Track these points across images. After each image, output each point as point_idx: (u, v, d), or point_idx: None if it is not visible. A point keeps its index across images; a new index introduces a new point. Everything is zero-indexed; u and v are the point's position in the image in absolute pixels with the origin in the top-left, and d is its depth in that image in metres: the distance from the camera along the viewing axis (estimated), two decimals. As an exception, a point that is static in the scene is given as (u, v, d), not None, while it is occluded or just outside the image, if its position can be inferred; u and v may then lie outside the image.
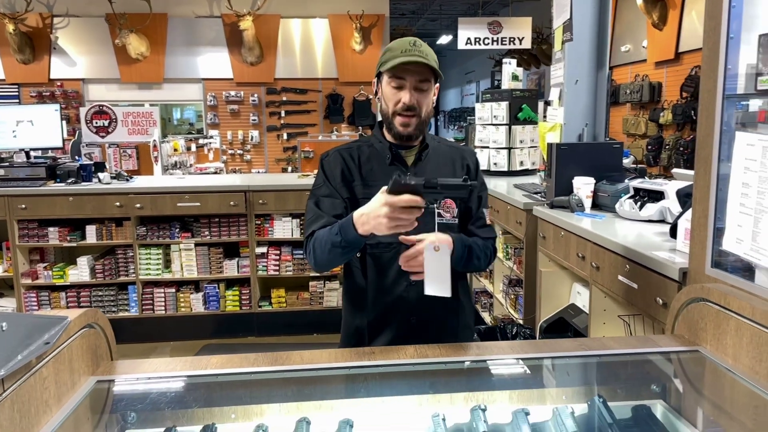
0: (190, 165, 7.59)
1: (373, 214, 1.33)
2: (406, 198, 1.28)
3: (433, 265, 1.44)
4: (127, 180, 4.27)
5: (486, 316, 4.09)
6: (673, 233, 1.93)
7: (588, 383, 1.49)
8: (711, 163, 1.49)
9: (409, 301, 1.61)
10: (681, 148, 6.73)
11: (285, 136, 9.76)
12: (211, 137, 9.09)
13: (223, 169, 8.22)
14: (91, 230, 4.12)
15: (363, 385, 1.41)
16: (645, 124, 7.48)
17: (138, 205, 4.01)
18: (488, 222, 1.67)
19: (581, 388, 1.47)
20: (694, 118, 6.53)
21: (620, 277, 2.00)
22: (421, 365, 1.41)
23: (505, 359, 1.43)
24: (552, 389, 1.46)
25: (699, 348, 1.42)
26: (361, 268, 1.63)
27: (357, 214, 1.39)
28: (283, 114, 9.72)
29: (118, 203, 4.03)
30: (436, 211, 1.45)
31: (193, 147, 8.03)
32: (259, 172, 9.80)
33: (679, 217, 1.90)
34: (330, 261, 1.53)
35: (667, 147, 6.98)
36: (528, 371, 1.44)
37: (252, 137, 9.84)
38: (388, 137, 1.64)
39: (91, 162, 4.45)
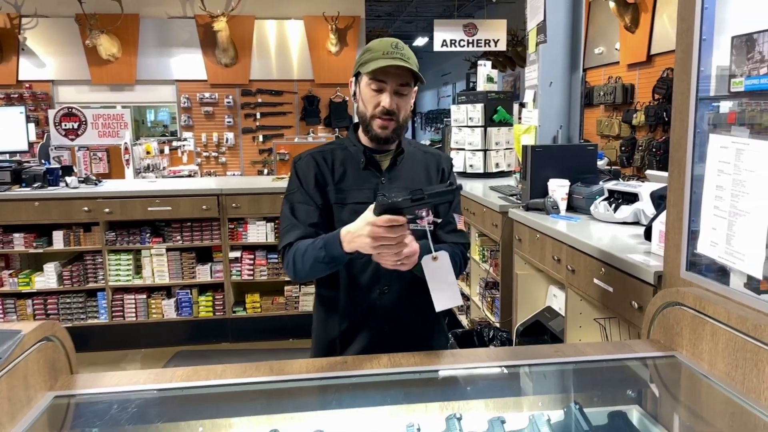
0: (164, 168, 7.47)
1: (357, 233, 1.30)
2: (385, 218, 1.25)
3: (436, 276, 1.39)
4: (96, 184, 4.16)
5: (463, 319, 4.07)
6: (648, 236, 1.93)
7: (564, 390, 1.47)
8: (685, 166, 1.48)
9: (382, 308, 1.57)
10: (654, 149, 6.80)
11: (261, 138, 9.70)
12: (185, 139, 8.97)
13: (197, 172, 8.10)
14: (58, 236, 4.00)
15: (335, 395, 1.37)
16: (618, 126, 7.56)
17: (107, 210, 3.91)
18: (460, 227, 1.63)
19: (557, 395, 1.45)
20: (666, 119, 6.61)
21: (596, 281, 1.99)
22: (395, 375, 1.37)
23: (480, 367, 1.40)
24: (528, 396, 1.44)
25: (675, 353, 1.41)
26: (333, 274, 1.59)
27: (344, 232, 1.36)
28: (258, 116, 9.64)
29: (86, 208, 3.92)
30: (428, 222, 1.38)
31: (167, 149, 7.91)
32: (234, 174, 9.71)
33: (653, 219, 1.90)
34: (312, 274, 1.50)
35: (640, 148, 7.06)
36: (504, 379, 1.42)
37: (227, 139, 9.75)
38: (364, 140, 1.60)
39: (59, 166, 4.33)
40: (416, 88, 1.58)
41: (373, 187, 1.55)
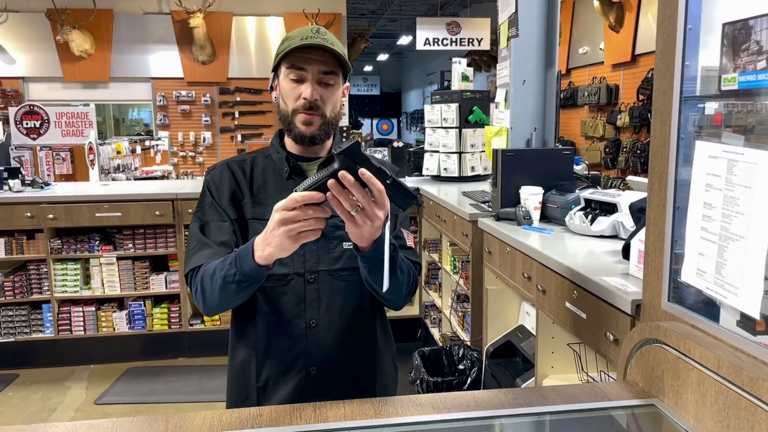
0: (135, 168, 7.21)
1: (269, 231, 1.05)
2: (298, 196, 1.00)
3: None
4: (42, 187, 3.88)
5: (435, 333, 3.84)
6: (626, 254, 1.70)
7: (523, 447, 1.23)
8: (666, 177, 1.25)
9: (310, 346, 1.31)
10: (638, 151, 6.68)
11: (239, 138, 9.49)
12: (159, 139, 8.72)
13: (172, 172, 7.86)
14: (-2, 243, 3.72)
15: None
16: (603, 127, 7.42)
17: (51, 216, 3.62)
18: (410, 244, 1.38)
19: (515, 454, 1.21)
20: (651, 120, 6.47)
21: (568, 304, 1.75)
22: None
23: (425, 422, 1.16)
24: (480, 458, 1.20)
25: (655, 401, 1.18)
26: (249, 303, 1.34)
27: (258, 239, 1.11)
28: (237, 115, 9.43)
29: (28, 213, 3.63)
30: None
31: (139, 149, 7.65)
32: (210, 175, 9.49)
33: (632, 235, 1.67)
34: (222, 301, 1.23)
35: (624, 150, 6.93)
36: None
37: (204, 139, 9.52)
38: (289, 146, 1.36)
39: (2, 168, 4.04)
40: (347, 83, 1.34)
41: None
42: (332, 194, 1.00)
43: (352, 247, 1.29)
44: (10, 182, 3.79)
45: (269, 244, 1.06)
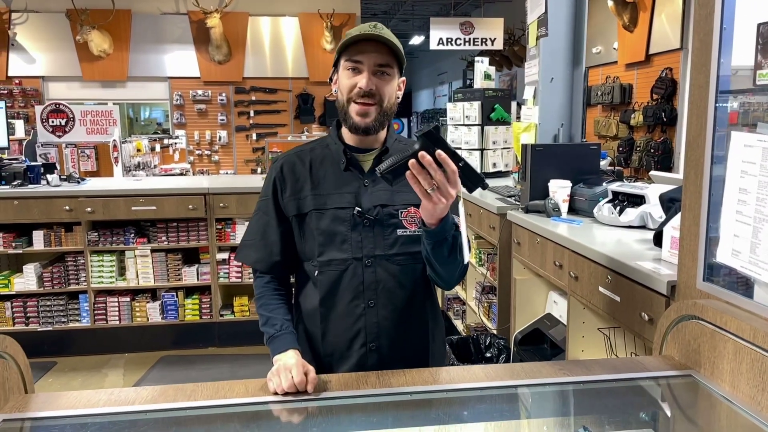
0: (155, 166, 7.33)
1: (278, 370, 1.26)
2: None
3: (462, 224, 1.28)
4: (78, 182, 4.01)
5: (459, 324, 3.94)
6: (657, 241, 1.80)
7: (571, 412, 1.34)
8: (703, 166, 1.35)
9: (369, 325, 1.42)
10: (652, 150, 6.72)
11: (254, 137, 9.60)
12: (177, 137, 8.85)
13: (189, 170, 7.98)
14: (38, 236, 3.85)
15: (316, 420, 1.24)
16: (616, 126, 7.47)
17: (88, 209, 3.76)
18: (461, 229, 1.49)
19: (564, 418, 1.32)
20: (665, 119, 6.54)
21: (601, 289, 1.85)
22: (383, 396, 1.24)
23: (479, 387, 1.27)
24: (532, 420, 1.31)
25: (691, 372, 1.28)
26: (310, 286, 1.46)
27: (276, 356, 1.35)
28: (252, 114, 9.53)
29: (67, 207, 3.77)
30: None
31: (158, 147, 7.78)
32: (227, 173, 9.60)
33: (663, 223, 1.77)
34: None
35: (638, 149, 6.97)
36: (505, 400, 1.29)
37: (220, 137, 9.64)
38: (346, 137, 1.46)
39: (39, 163, 4.18)
40: (403, 78, 1.44)
41: (354, 190, 1.41)
42: (411, 173, 1.10)
43: (405, 233, 1.41)
44: (48, 177, 3.92)
45: (278, 368, 1.26)
